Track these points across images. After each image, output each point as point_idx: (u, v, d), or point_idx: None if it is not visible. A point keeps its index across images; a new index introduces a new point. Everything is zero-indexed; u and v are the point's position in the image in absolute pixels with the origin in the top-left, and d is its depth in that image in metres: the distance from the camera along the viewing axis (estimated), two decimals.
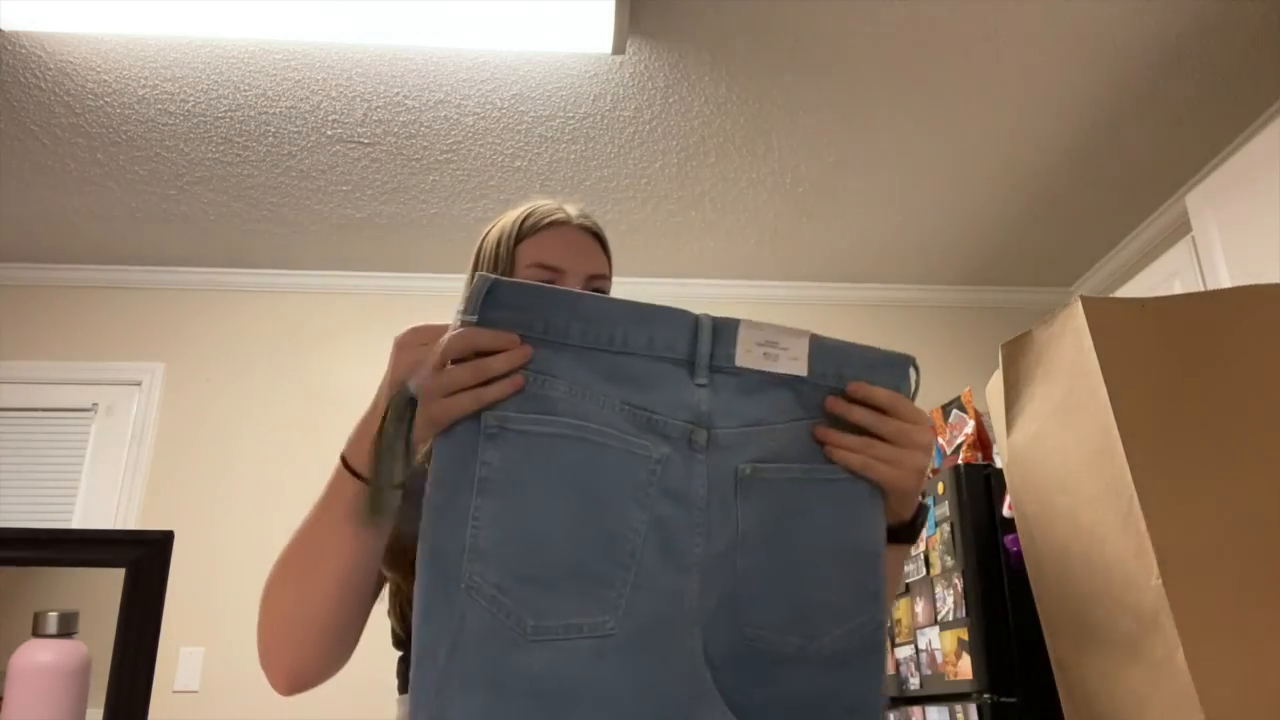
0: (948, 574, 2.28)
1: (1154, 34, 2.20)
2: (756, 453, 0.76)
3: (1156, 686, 0.78)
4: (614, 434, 0.71)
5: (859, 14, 2.12)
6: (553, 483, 0.70)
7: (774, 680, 0.73)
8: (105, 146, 2.57)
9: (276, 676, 0.82)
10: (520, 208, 1.04)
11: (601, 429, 0.71)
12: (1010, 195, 2.86)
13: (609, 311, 0.74)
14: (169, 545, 1.24)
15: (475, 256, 1.04)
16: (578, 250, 1.01)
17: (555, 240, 1.00)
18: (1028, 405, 0.96)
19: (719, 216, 2.95)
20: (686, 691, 0.69)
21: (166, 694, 2.77)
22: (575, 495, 0.70)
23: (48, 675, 1.03)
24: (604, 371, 0.73)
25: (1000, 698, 2.10)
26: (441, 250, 3.13)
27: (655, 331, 0.74)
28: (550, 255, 0.98)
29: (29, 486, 3.00)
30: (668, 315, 0.75)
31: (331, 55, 2.25)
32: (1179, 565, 0.77)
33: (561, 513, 0.69)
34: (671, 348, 0.75)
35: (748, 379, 0.77)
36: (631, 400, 0.73)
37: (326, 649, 0.81)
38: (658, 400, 0.73)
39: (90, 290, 3.21)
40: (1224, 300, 0.87)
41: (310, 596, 0.78)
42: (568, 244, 1.00)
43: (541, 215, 1.01)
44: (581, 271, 0.99)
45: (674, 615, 0.70)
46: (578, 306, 0.74)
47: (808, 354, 0.79)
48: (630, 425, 0.73)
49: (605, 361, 0.73)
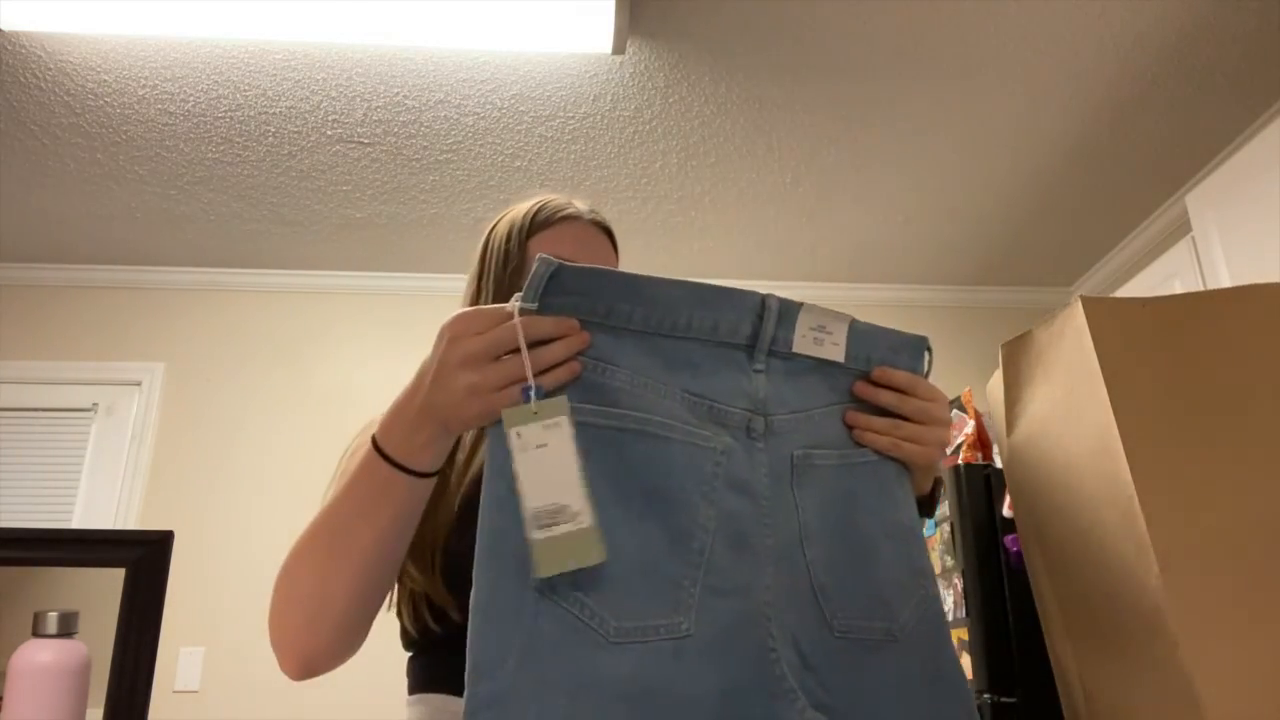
0: (948, 574, 2.28)
1: (1154, 34, 2.20)
2: (805, 440, 0.74)
3: (1156, 686, 0.78)
4: (677, 426, 0.69)
5: (859, 14, 2.12)
6: (618, 478, 0.66)
7: (866, 668, 0.71)
8: (105, 146, 2.57)
9: (288, 660, 0.79)
10: (529, 201, 1.02)
11: (665, 421, 0.68)
12: (1010, 195, 2.86)
13: (674, 295, 0.71)
14: (169, 545, 1.24)
15: (483, 250, 1.02)
16: (589, 245, 0.99)
17: (568, 235, 0.98)
18: (1028, 405, 0.96)
19: (719, 216, 2.95)
20: (766, 690, 0.66)
21: (166, 694, 2.77)
22: (640, 492, 0.66)
23: (48, 675, 1.03)
24: (665, 358, 0.70)
25: (1000, 698, 2.10)
26: (441, 250, 3.13)
27: (721, 315, 0.72)
28: (562, 249, 0.96)
29: (29, 486, 3.00)
30: (735, 298, 0.72)
31: (331, 55, 2.25)
32: (1179, 565, 0.77)
33: (627, 510, 0.66)
34: (735, 331, 0.72)
35: (794, 364, 0.75)
36: (691, 388, 0.70)
37: (343, 633, 0.78)
38: (717, 388, 0.71)
39: (90, 290, 3.21)
40: (1224, 300, 0.87)
41: (333, 578, 0.76)
42: (581, 239, 0.99)
43: (553, 210, 1.00)
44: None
45: (749, 612, 0.67)
46: (642, 290, 0.70)
47: (846, 339, 0.78)
48: (691, 415, 0.70)
49: (667, 347, 0.70)
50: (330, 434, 3.09)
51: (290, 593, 0.78)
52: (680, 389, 0.70)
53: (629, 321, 0.70)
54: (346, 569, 0.75)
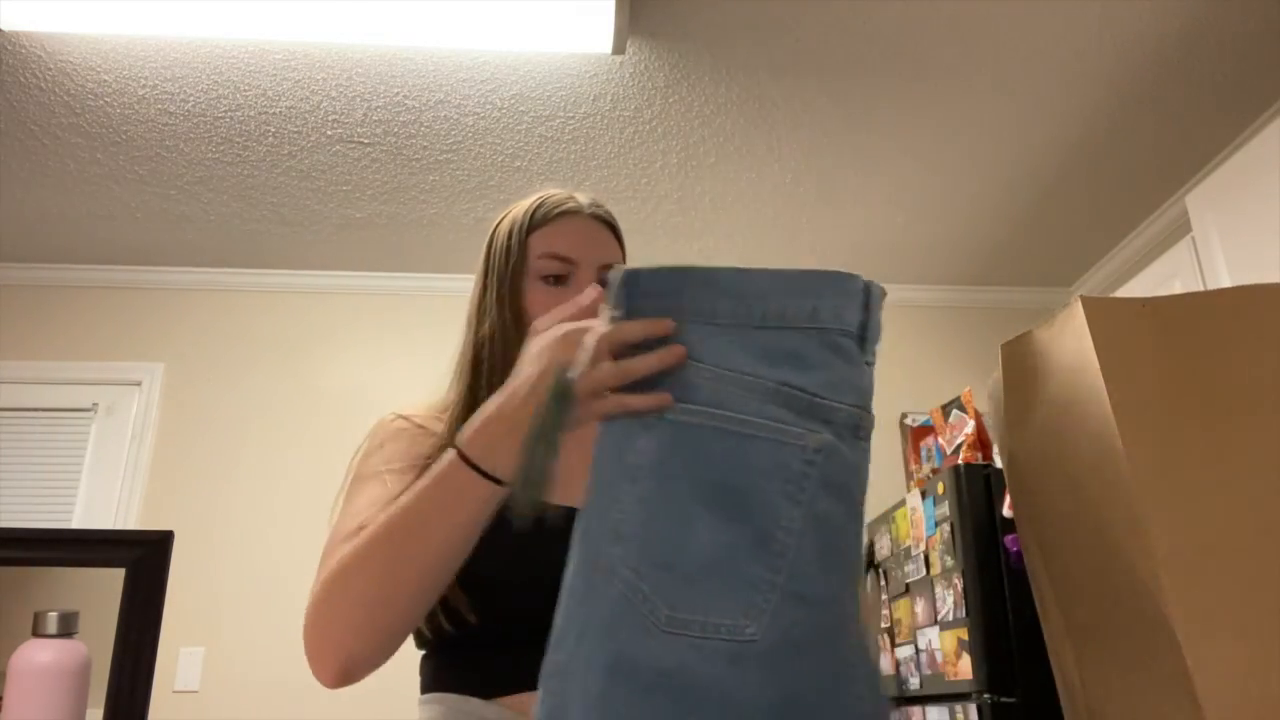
0: (948, 574, 2.28)
1: (1154, 35, 2.20)
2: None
3: (1156, 687, 0.78)
4: (762, 422, 0.65)
5: (859, 14, 2.12)
6: (698, 474, 0.65)
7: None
8: (105, 146, 2.57)
9: (329, 664, 0.77)
10: (531, 197, 1.02)
11: (747, 418, 0.65)
12: (1010, 195, 2.86)
13: (760, 284, 0.67)
14: (169, 545, 1.24)
15: (488, 248, 1.02)
16: (590, 239, 0.99)
17: (567, 229, 0.98)
18: (1028, 405, 0.96)
19: (719, 216, 2.95)
20: (837, 713, 0.62)
21: (166, 694, 2.77)
22: (718, 490, 0.64)
23: (48, 675, 1.03)
24: (763, 351, 0.67)
25: (1000, 698, 2.10)
26: (441, 250, 3.13)
27: (820, 301, 0.67)
28: (562, 245, 0.97)
29: (29, 486, 3.00)
30: (832, 281, 0.68)
31: (331, 55, 2.25)
32: (1179, 565, 0.77)
33: (705, 507, 0.64)
34: (838, 318, 0.68)
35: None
36: (791, 381, 0.66)
37: (390, 638, 0.78)
38: (821, 380, 0.66)
39: (90, 290, 3.21)
40: (1224, 300, 0.87)
41: (397, 582, 0.75)
42: (580, 233, 0.99)
43: (553, 205, 1.00)
44: (594, 260, 0.97)
45: (832, 626, 0.63)
46: (724, 282, 0.68)
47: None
48: (786, 410, 0.66)
49: (765, 340, 0.67)
50: (331, 433, 3.11)
51: (343, 597, 0.77)
52: (778, 381, 0.66)
53: (714, 316, 0.67)
54: (412, 572, 0.75)
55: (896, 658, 2.57)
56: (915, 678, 2.45)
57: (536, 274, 0.97)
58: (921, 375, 3.30)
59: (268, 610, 2.85)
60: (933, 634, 2.35)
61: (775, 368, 0.66)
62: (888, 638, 2.65)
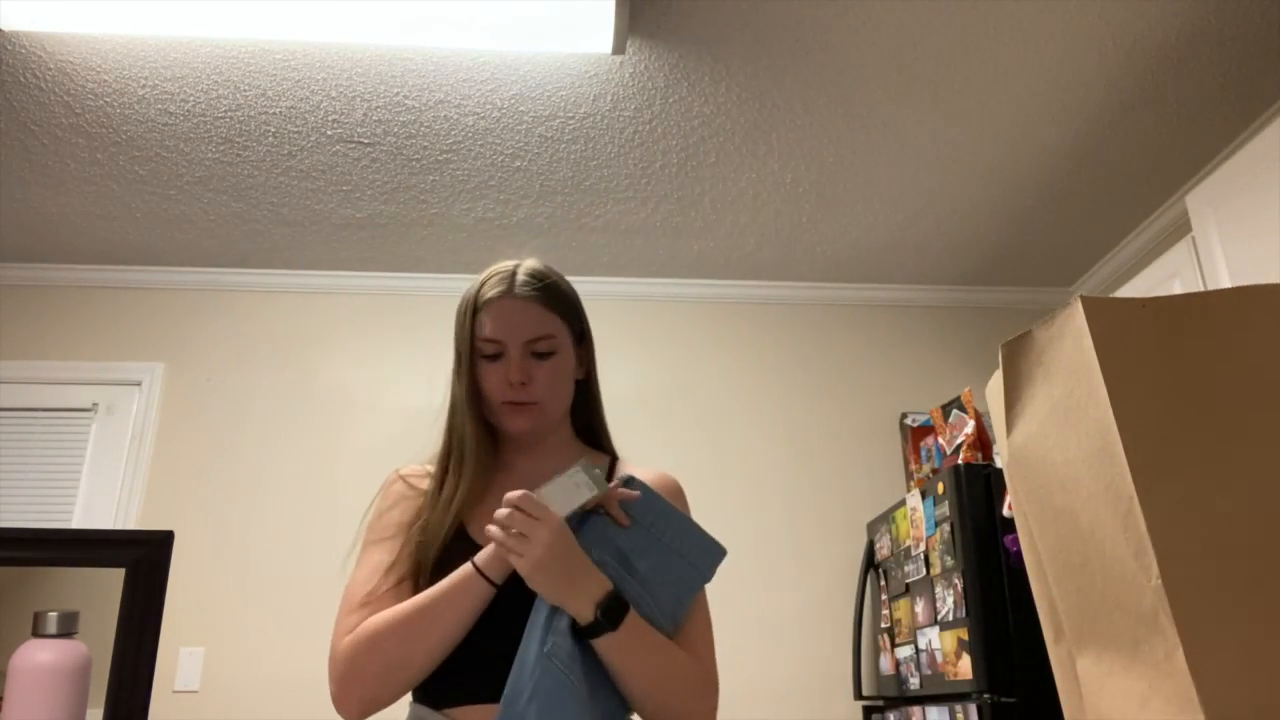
0: (948, 574, 2.28)
1: (1154, 34, 2.20)
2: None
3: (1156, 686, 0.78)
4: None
5: (859, 14, 2.12)
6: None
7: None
8: (105, 146, 2.58)
9: (354, 701, 1.03)
10: (480, 276, 1.21)
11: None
12: (1010, 195, 2.86)
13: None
14: (169, 545, 1.24)
15: (457, 320, 1.21)
16: (515, 320, 1.16)
17: (496, 313, 1.16)
18: (1028, 405, 0.96)
19: (719, 216, 2.96)
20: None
21: (166, 694, 2.77)
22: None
23: (48, 675, 1.03)
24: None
25: (1000, 698, 2.10)
26: (441, 250, 3.13)
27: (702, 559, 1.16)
28: (491, 329, 1.16)
29: (29, 486, 3.00)
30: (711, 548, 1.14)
31: (331, 55, 2.25)
32: (1179, 565, 0.77)
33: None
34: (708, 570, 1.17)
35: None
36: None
37: (404, 689, 1.04)
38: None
39: (90, 290, 3.22)
40: (1224, 300, 0.87)
41: (416, 653, 1.02)
42: (506, 316, 1.16)
43: (486, 290, 1.18)
44: (519, 338, 1.16)
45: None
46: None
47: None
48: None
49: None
50: (330, 433, 3.11)
51: (373, 651, 1.02)
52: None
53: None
54: (427, 647, 1.02)
55: (896, 658, 2.57)
56: (915, 678, 2.45)
57: (479, 353, 1.17)
58: (921, 375, 3.30)
59: (268, 610, 2.85)
60: (933, 634, 2.35)
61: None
62: (888, 638, 2.65)
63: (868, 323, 3.39)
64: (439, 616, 1.02)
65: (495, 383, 1.16)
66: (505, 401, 1.15)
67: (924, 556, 2.43)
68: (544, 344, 1.17)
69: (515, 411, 1.15)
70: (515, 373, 1.14)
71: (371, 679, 1.02)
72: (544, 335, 1.17)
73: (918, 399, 3.21)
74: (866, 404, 3.27)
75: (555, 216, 2.94)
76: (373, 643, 1.02)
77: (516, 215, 2.93)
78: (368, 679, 1.02)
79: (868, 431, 3.23)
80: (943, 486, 2.35)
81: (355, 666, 1.02)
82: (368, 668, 1.02)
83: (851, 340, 3.36)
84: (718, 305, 3.37)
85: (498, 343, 1.16)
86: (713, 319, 3.35)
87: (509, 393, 1.15)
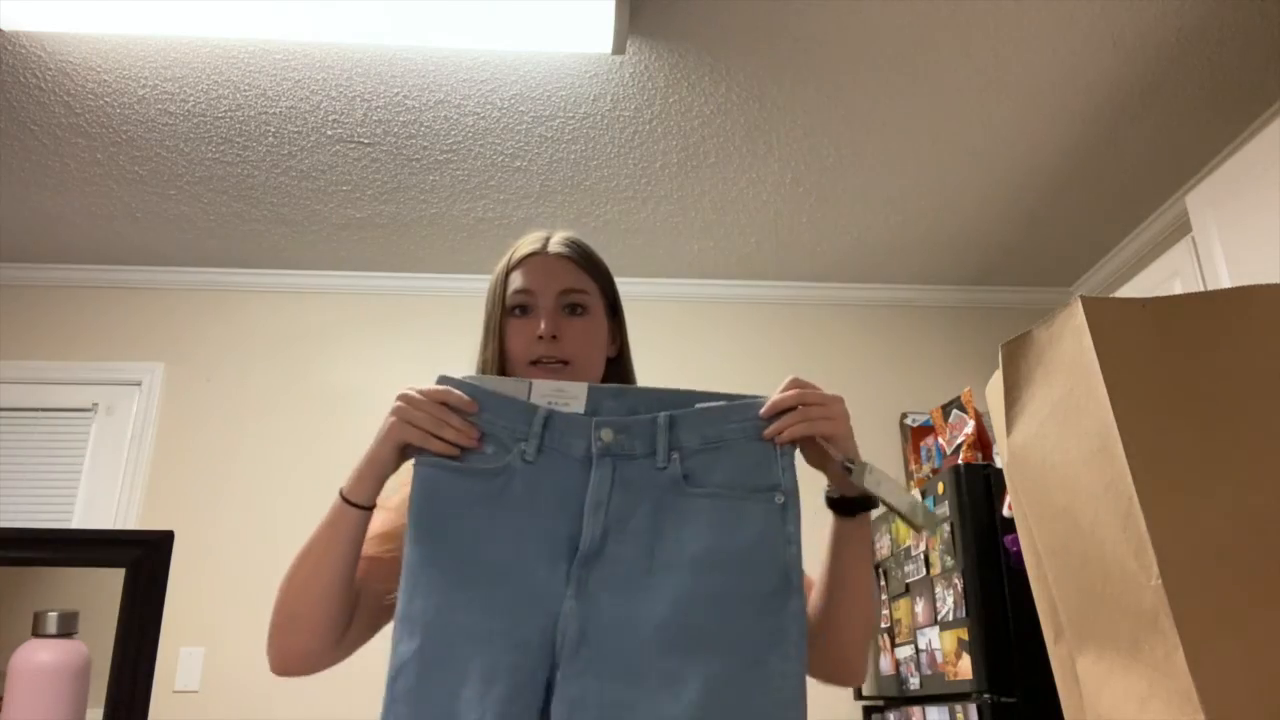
0: (948, 574, 2.28)
1: (1154, 34, 2.20)
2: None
3: (1156, 686, 0.78)
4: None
5: (859, 14, 2.12)
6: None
7: None
8: (105, 146, 2.58)
9: (270, 655, 1.00)
10: (517, 240, 1.19)
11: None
12: (1010, 195, 2.86)
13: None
14: (169, 545, 1.24)
15: (489, 290, 1.18)
16: (548, 273, 1.13)
17: (529, 268, 1.14)
18: (1028, 405, 0.96)
19: (719, 216, 2.95)
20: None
21: (166, 694, 2.77)
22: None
23: (48, 675, 1.03)
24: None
25: (1000, 698, 2.10)
26: (441, 250, 3.13)
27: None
28: (523, 282, 1.13)
29: (29, 486, 3.00)
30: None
31: (331, 55, 2.25)
32: (1179, 565, 0.77)
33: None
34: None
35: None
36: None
37: (311, 639, 0.99)
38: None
39: (90, 290, 3.21)
40: (1224, 300, 0.87)
41: (305, 597, 0.98)
42: (539, 270, 1.14)
43: (520, 249, 1.16)
44: (552, 290, 1.12)
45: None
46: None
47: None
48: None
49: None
50: (330, 433, 3.11)
51: (278, 606, 1.00)
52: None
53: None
54: (315, 590, 0.98)
55: (896, 658, 2.57)
56: (915, 678, 2.45)
57: (508, 311, 1.13)
58: (921, 375, 3.30)
59: (268, 610, 2.84)
60: (933, 634, 2.35)
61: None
62: (888, 638, 2.65)
63: (867, 323, 3.38)
64: (318, 557, 0.99)
65: (523, 341, 1.10)
66: (533, 361, 1.09)
67: (924, 556, 2.43)
68: (577, 297, 1.12)
69: (543, 374, 1.08)
70: (546, 324, 1.09)
71: (275, 626, 1.00)
72: (577, 289, 1.12)
73: (917, 399, 3.21)
74: (866, 404, 3.26)
75: (555, 216, 2.94)
76: (279, 591, 1.01)
77: (516, 215, 2.93)
78: (273, 626, 1.00)
79: (867, 431, 3.20)
80: (943, 486, 2.35)
81: (271, 625, 1.00)
82: (274, 616, 1.00)
83: (851, 340, 3.36)
84: (718, 305, 3.37)
85: (529, 293, 1.11)
86: (713, 319, 3.35)
87: (538, 348, 1.09)
